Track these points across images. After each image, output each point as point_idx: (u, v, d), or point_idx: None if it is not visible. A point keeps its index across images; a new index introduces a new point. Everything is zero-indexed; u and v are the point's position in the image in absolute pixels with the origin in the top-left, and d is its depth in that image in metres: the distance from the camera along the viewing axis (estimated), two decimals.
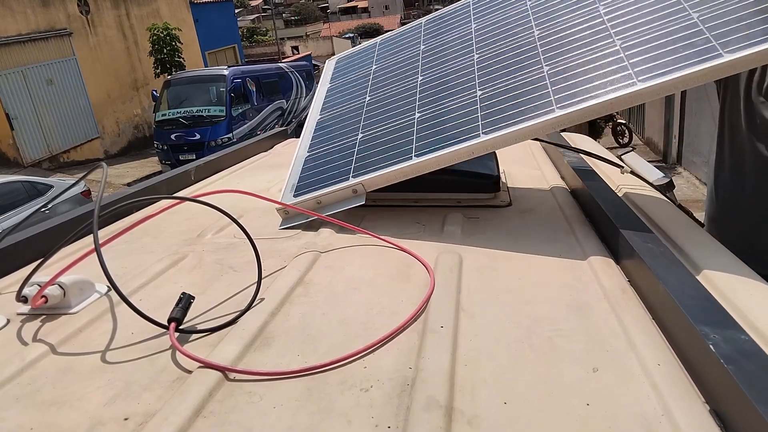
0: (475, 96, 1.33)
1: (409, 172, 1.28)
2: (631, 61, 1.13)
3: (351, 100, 1.68)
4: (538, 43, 1.35)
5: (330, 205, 1.33)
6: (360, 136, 1.48)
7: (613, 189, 1.38)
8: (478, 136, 1.21)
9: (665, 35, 1.13)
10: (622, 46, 1.17)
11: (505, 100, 1.26)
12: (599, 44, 1.22)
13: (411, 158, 1.28)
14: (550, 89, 1.20)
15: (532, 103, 1.20)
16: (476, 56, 1.47)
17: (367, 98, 1.62)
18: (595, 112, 1.11)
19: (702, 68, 1.02)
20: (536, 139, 1.91)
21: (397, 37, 1.88)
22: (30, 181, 7.29)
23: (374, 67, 1.78)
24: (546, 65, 1.27)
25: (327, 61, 2.04)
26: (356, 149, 1.43)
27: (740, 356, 0.63)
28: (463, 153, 1.22)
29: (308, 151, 1.55)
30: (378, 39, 1.96)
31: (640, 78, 1.08)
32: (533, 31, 1.40)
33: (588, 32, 1.28)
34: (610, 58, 1.17)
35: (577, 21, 1.34)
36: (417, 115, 1.41)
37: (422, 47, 1.70)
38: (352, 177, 1.33)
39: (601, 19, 1.29)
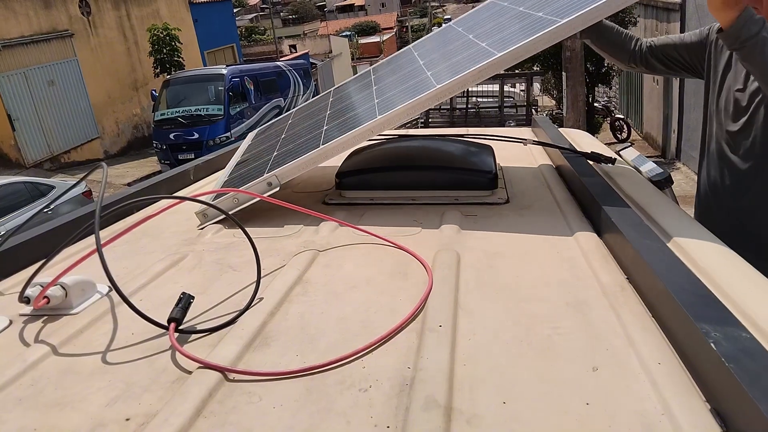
0: (373, 102, 1.54)
1: (317, 158, 1.38)
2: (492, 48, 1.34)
3: (270, 137, 1.95)
4: (421, 62, 1.65)
5: (246, 202, 1.38)
6: (277, 148, 1.68)
7: (612, 185, 1.38)
8: (375, 116, 1.37)
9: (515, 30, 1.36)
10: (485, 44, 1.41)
11: (399, 94, 1.46)
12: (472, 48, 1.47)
13: (319, 146, 1.40)
14: (428, 73, 1.48)
15: (422, 85, 1.41)
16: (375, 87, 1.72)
17: (284, 135, 1.84)
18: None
19: (544, 32, 1.20)
20: (536, 143, 1.91)
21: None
22: (32, 182, 7.31)
23: (290, 121, 2.06)
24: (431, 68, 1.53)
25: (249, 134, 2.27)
26: (273, 155, 1.60)
27: (741, 354, 0.62)
28: (364, 132, 1.34)
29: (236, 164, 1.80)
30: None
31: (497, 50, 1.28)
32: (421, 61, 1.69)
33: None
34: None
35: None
36: (325, 126, 1.60)
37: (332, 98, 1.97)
38: (266, 173, 1.42)
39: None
